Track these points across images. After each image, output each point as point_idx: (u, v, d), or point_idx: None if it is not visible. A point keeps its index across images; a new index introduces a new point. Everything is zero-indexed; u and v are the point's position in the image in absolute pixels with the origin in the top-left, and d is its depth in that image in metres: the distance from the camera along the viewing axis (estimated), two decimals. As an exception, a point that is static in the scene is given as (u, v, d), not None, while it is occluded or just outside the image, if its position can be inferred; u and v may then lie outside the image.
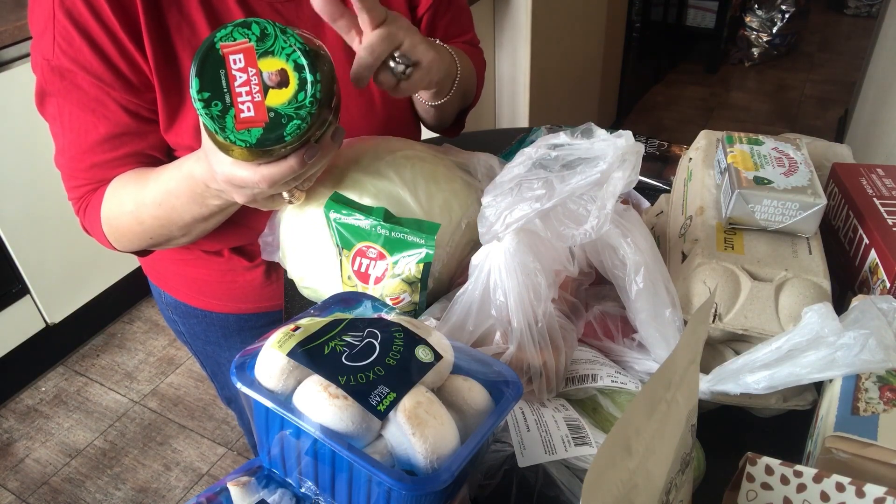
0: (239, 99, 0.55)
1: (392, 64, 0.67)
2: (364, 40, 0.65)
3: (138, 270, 2.26)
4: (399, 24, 0.67)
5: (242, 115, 0.55)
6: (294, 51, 0.55)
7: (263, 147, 0.56)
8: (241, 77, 0.55)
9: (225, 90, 0.55)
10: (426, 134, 1.01)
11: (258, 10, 0.77)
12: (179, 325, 1.04)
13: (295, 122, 0.55)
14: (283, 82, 0.55)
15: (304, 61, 0.55)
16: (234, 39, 0.55)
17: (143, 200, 0.74)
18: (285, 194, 0.69)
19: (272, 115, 0.55)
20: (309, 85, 0.55)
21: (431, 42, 0.76)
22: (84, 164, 0.77)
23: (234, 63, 0.55)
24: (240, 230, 0.87)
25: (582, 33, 2.54)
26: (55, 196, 1.97)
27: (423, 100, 0.86)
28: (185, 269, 0.96)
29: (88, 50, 0.70)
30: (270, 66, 0.55)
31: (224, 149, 0.58)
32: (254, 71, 0.55)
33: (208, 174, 0.64)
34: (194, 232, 0.77)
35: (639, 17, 3.04)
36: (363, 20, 0.65)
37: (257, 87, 0.55)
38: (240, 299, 0.97)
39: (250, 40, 0.55)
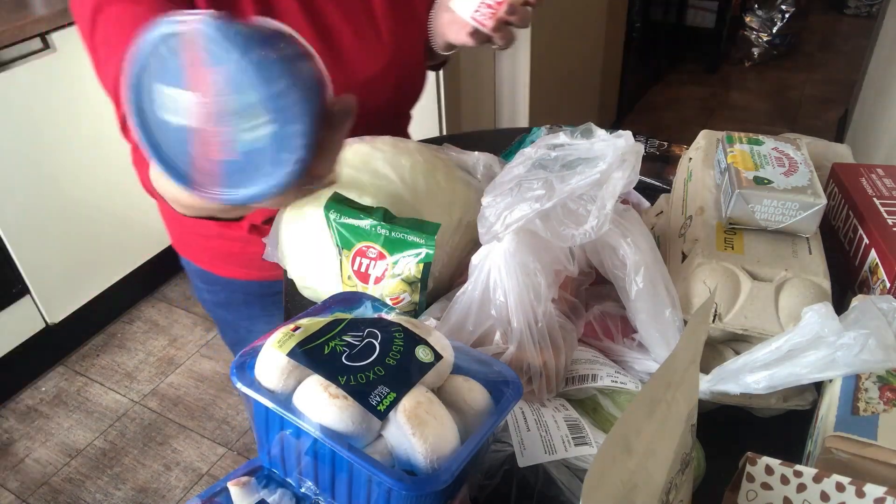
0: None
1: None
2: None
3: (139, 270, 2.26)
4: None
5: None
6: None
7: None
8: None
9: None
10: (426, 134, 1.01)
11: None
12: (204, 292, 1.10)
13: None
14: None
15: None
16: None
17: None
18: None
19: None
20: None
21: None
22: None
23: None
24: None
25: (582, 33, 2.54)
26: (55, 196, 1.98)
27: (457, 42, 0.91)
28: (209, 242, 1.02)
29: None
30: None
31: None
32: None
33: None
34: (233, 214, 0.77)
35: (639, 17, 3.04)
36: None
37: None
38: (261, 268, 1.01)
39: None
